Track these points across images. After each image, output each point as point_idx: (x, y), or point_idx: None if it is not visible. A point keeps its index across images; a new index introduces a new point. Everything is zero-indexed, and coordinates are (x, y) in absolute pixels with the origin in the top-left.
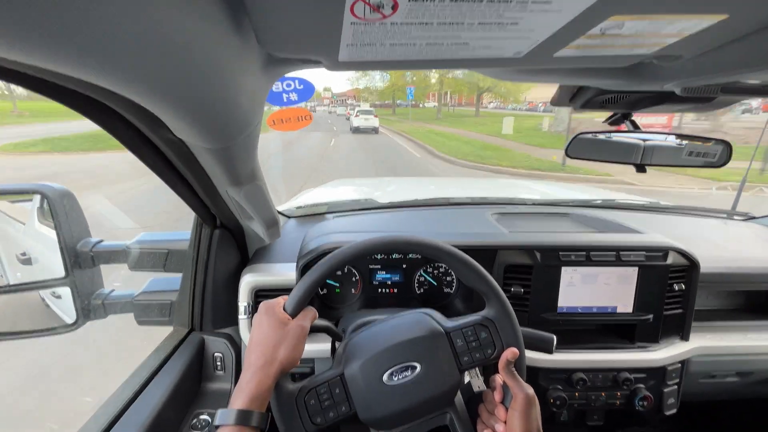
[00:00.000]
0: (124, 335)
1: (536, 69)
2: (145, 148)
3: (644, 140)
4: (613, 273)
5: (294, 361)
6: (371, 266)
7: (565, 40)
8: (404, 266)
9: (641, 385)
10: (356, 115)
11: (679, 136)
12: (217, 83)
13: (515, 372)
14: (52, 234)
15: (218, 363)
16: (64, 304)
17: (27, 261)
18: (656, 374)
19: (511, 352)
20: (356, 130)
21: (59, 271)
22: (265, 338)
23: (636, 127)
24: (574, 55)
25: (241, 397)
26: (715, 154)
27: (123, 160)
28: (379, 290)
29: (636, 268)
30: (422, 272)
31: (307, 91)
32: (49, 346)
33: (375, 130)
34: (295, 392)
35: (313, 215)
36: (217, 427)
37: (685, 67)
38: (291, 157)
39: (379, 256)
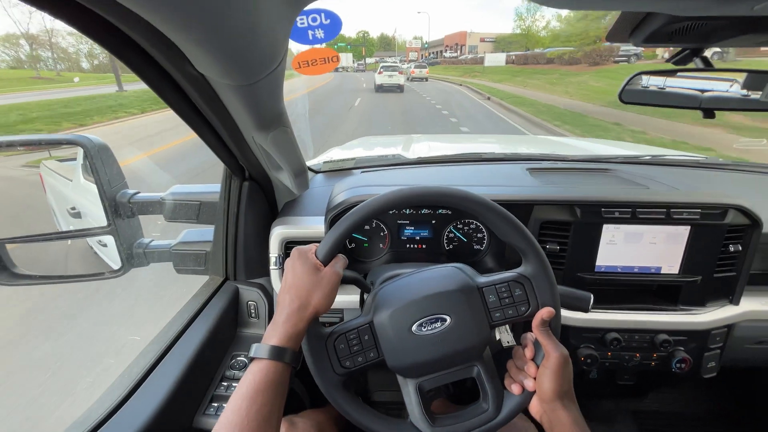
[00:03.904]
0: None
1: None
2: (167, 85)
3: (703, 91)
4: (662, 232)
5: (327, 307)
6: (399, 221)
7: None
8: (433, 222)
9: (680, 348)
10: (379, 72)
11: (756, 72)
12: (237, 8)
13: (550, 331)
14: (94, 189)
15: (252, 311)
16: (110, 251)
17: (77, 215)
18: (698, 337)
19: (547, 312)
20: (380, 88)
21: (103, 221)
22: (299, 282)
23: (708, 65)
24: None
25: (275, 335)
26: None
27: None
28: (407, 246)
29: (688, 227)
30: (452, 228)
31: (334, 25)
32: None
33: (400, 88)
34: (326, 336)
35: (340, 170)
36: (252, 359)
37: None
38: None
39: (407, 211)
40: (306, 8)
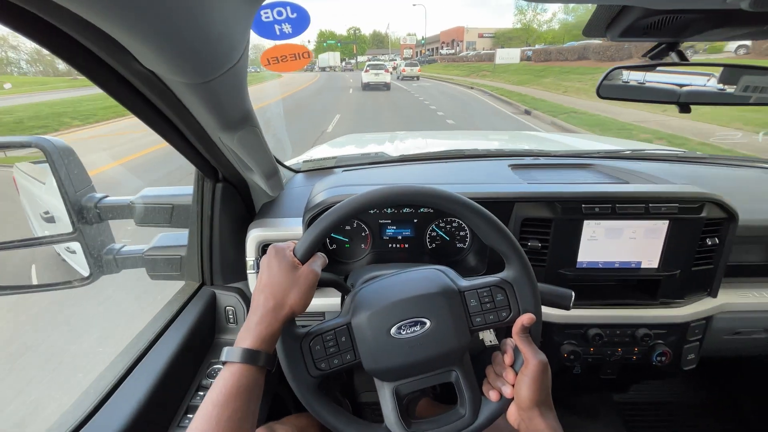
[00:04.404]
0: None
1: None
2: (116, 82)
3: (681, 85)
4: (641, 226)
5: (304, 307)
6: (381, 221)
7: None
8: (415, 221)
9: (660, 341)
10: (366, 70)
11: (733, 67)
12: (186, 1)
13: (530, 338)
14: None
15: (230, 316)
16: (79, 258)
17: (50, 219)
18: (677, 330)
19: (527, 318)
20: (367, 86)
21: (68, 227)
22: (275, 281)
23: (683, 59)
24: None
25: (248, 338)
26: None
27: None
28: (389, 245)
29: (667, 221)
30: (434, 227)
31: (301, 20)
32: None
33: (386, 86)
34: (301, 337)
35: (321, 169)
36: (224, 363)
37: None
38: None
39: (389, 210)
40: (269, 1)
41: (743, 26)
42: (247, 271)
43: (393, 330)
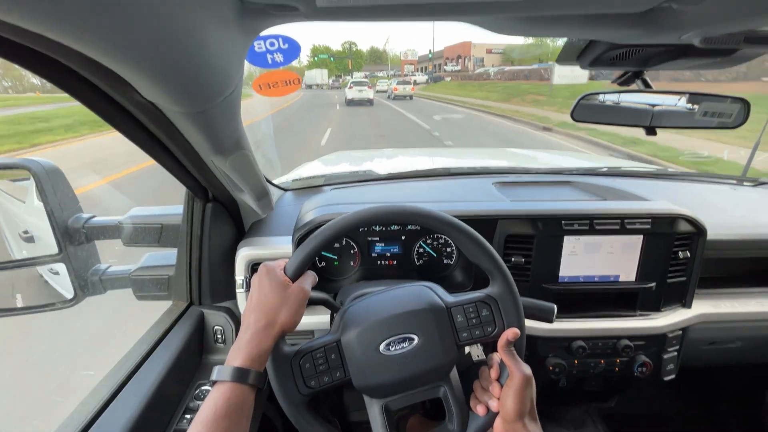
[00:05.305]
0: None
1: (540, 18)
2: (115, 112)
3: (653, 105)
4: (617, 241)
5: (294, 324)
6: (369, 238)
7: None
8: (403, 238)
9: (641, 352)
10: (350, 87)
11: (693, 94)
12: (183, 35)
13: (514, 352)
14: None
15: (218, 336)
16: (62, 280)
17: (30, 239)
18: (656, 341)
19: (512, 333)
20: (351, 102)
21: (54, 248)
22: (266, 300)
23: (647, 86)
24: None
25: (239, 356)
26: (731, 114)
27: None
28: (378, 262)
29: (641, 236)
30: (422, 243)
31: (292, 50)
32: None
33: (370, 102)
34: (291, 354)
35: (310, 188)
36: (214, 382)
37: (706, 11)
38: None
39: (377, 228)
40: (263, 33)
41: (697, 58)
42: (237, 290)
43: (382, 346)
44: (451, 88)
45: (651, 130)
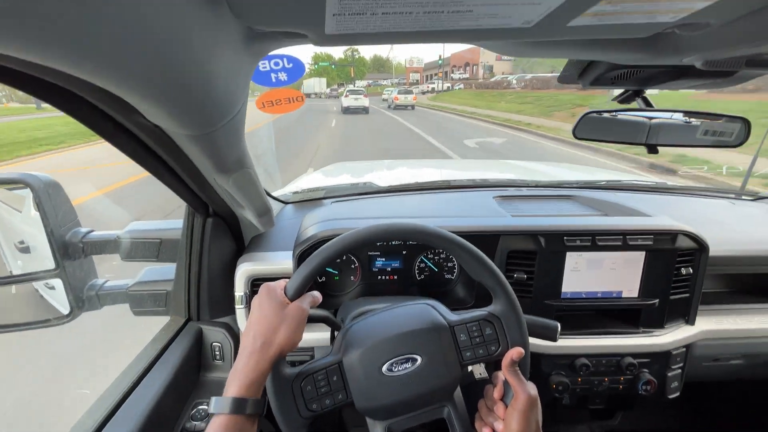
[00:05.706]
0: None
1: (546, 42)
2: (121, 134)
3: (651, 118)
4: (620, 257)
5: (293, 345)
6: (370, 253)
7: (582, 6)
8: (404, 252)
9: (645, 370)
10: (346, 95)
11: (689, 113)
12: (190, 62)
13: (519, 371)
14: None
15: (217, 353)
16: (58, 295)
17: (25, 249)
18: (660, 359)
19: (516, 352)
20: (347, 110)
21: (50, 263)
22: (264, 320)
23: (648, 104)
24: (590, 24)
25: (236, 383)
26: (732, 133)
27: None
28: (379, 277)
29: (643, 253)
30: (423, 258)
31: (297, 69)
32: None
33: (365, 110)
34: (292, 377)
35: (310, 200)
36: (212, 415)
37: (709, 37)
38: None
39: (378, 243)
40: (268, 54)
41: (698, 79)
42: (236, 306)
43: (384, 367)
44: (467, 98)
45: (652, 148)
